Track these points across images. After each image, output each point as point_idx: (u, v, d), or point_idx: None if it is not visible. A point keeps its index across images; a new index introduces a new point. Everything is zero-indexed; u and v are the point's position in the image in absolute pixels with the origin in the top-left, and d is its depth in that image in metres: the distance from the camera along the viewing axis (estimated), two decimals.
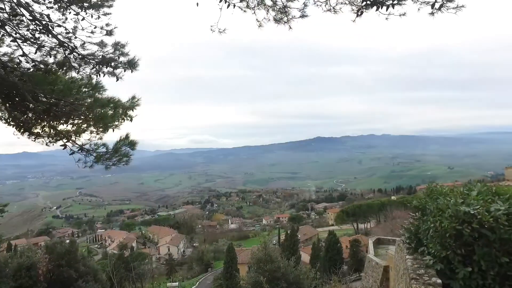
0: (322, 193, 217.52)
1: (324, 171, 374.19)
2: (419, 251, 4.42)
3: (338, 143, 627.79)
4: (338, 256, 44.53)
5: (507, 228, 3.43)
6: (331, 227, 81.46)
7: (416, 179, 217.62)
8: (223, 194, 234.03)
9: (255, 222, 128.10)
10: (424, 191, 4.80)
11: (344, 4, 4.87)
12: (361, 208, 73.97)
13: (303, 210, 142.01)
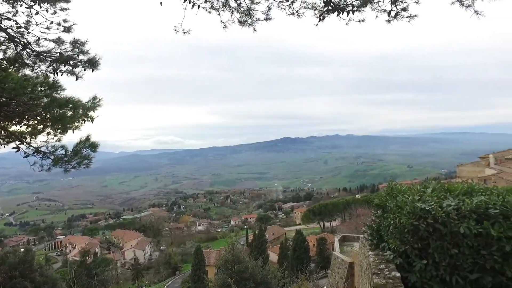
0: (289, 193, 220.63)
1: (291, 171, 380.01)
2: (380, 247, 4.60)
3: (304, 143, 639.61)
4: (306, 255, 45.44)
5: (456, 222, 3.66)
6: (299, 226, 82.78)
7: (378, 177, 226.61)
8: (190, 196, 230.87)
9: (223, 223, 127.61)
10: (385, 190, 5.00)
11: (307, 8, 4.97)
12: (327, 207, 75.80)
13: (271, 210, 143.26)
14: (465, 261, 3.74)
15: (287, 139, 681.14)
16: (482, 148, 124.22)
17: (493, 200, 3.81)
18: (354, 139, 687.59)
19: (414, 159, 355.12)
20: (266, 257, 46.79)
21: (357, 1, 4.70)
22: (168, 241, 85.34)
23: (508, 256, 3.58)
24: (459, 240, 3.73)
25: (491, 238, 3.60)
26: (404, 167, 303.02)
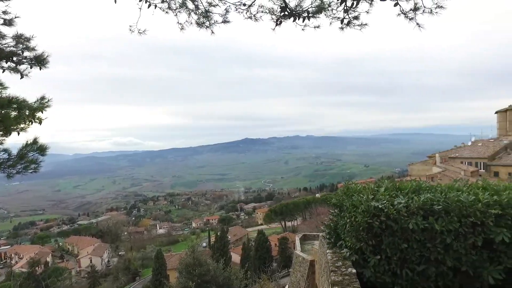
0: (251, 193, 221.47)
1: (252, 172, 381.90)
2: (337, 245, 4.76)
3: (265, 144, 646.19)
4: (268, 255, 45.85)
5: (406, 219, 3.90)
6: (260, 227, 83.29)
7: (337, 177, 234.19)
8: (150, 198, 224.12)
9: (184, 225, 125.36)
10: (342, 190, 5.18)
11: (265, 13, 5.02)
12: (288, 207, 76.90)
13: (233, 211, 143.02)
14: (414, 255, 3.99)
15: (248, 140, 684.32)
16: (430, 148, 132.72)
17: (437, 197, 4.10)
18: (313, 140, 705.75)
19: (370, 159, 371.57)
20: (228, 259, 46.64)
21: (313, 8, 4.81)
22: (128, 246, 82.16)
23: (449, 248, 3.87)
24: (408, 235, 3.97)
25: (435, 232, 3.87)
26: (361, 167, 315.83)
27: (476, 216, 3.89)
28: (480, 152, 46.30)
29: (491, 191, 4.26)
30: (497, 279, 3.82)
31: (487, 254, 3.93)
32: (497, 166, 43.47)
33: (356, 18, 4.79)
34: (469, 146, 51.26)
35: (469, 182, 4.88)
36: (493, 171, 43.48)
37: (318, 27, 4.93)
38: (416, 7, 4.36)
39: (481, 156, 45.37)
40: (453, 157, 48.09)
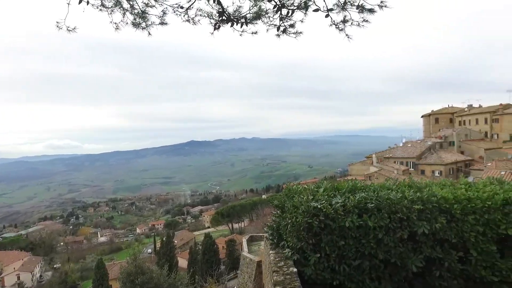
0: (198, 196, 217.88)
1: (198, 175, 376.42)
2: (280, 245, 4.91)
3: (211, 146, 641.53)
4: (215, 257, 45.48)
5: (343, 217, 4.16)
6: (208, 230, 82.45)
7: (282, 178, 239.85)
8: (90, 205, 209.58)
9: (128, 232, 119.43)
10: (283, 191, 5.35)
11: (203, 17, 4.99)
12: (235, 209, 77.05)
13: (179, 215, 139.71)
14: (350, 251, 4.26)
15: (194, 142, 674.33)
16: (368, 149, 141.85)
17: (370, 195, 4.42)
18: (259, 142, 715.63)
19: (313, 160, 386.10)
20: (174, 264, 45.39)
21: (251, 14, 4.89)
22: (64, 258, 75.92)
23: (381, 242, 4.21)
24: (345, 233, 4.23)
25: (369, 229, 4.18)
26: (305, 167, 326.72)
27: (403, 212, 4.27)
28: (410, 152, 50.64)
29: (415, 189, 4.71)
30: (418, 267, 4.24)
31: (411, 246, 4.34)
32: (423, 165, 47.91)
33: (292, 26, 4.95)
34: (400, 147, 55.74)
35: (398, 181, 5.33)
36: (420, 169, 47.83)
37: (256, 33, 5.01)
38: (345, 19, 4.65)
39: (410, 156, 49.64)
40: (388, 157, 52.05)
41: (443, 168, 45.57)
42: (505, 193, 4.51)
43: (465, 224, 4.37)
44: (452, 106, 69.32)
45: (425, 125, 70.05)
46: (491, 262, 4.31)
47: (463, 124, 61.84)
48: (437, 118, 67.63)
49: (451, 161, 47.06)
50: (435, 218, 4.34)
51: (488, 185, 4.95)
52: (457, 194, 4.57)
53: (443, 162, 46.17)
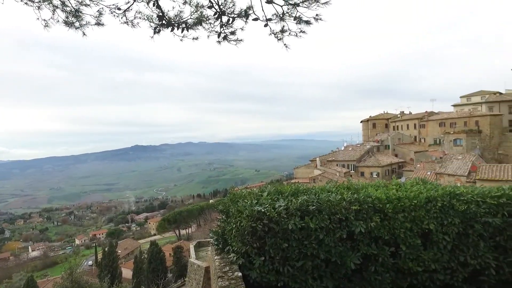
0: (143, 203, 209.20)
1: (143, 180, 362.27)
2: (225, 250, 4.92)
3: (157, 151, 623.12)
4: (162, 266, 44.04)
5: (286, 220, 4.30)
6: (154, 237, 79.62)
7: (230, 182, 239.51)
8: (19, 217, 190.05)
9: (65, 244, 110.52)
10: (228, 196, 5.38)
11: (143, 19, 4.86)
12: (182, 214, 75.39)
13: (123, 223, 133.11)
14: (293, 252, 4.41)
15: (138, 147, 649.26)
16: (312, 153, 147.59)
17: (311, 198, 4.62)
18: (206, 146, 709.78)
19: (260, 164, 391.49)
20: (118, 275, 43.13)
21: (192, 20, 4.86)
22: None
23: (322, 243, 4.42)
24: (288, 235, 4.37)
25: (311, 230, 4.36)
26: (252, 171, 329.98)
27: (342, 213, 4.53)
28: (351, 156, 53.62)
29: (353, 190, 5.02)
30: (356, 263, 4.52)
31: (350, 244, 4.61)
32: (363, 167, 51.02)
33: (232, 34, 5.02)
34: (342, 150, 58.76)
35: (337, 183, 5.63)
36: (360, 171, 50.86)
37: (197, 39, 5.00)
38: (283, 29, 4.84)
39: (351, 159, 52.58)
40: (330, 160, 54.62)
41: (380, 170, 48.91)
42: (427, 192, 5.01)
43: (396, 221, 4.76)
44: (387, 113, 74.98)
45: (364, 130, 74.87)
46: (417, 254, 4.74)
47: (397, 129, 67.15)
48: (374, 124, 72.59)
49: (387, 163, 50.71)
50: (371, 218, 4.66)
51: (414, 185, 5.45)
52: (389, 195, 4.96)
53: (380, 164, 49.56)
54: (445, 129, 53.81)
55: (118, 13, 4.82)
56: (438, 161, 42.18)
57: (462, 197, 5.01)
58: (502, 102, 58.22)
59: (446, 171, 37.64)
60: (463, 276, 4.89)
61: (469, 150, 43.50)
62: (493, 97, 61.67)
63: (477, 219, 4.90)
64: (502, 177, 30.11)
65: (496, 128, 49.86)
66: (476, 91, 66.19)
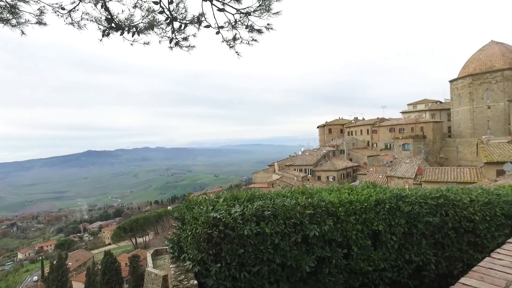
0: (96, 211, 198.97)
1: (97, 187, 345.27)
2: (181, 258, 4.83)
3: (112, 156, 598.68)
4: (117, 276, 42.25)
5: (242, 226, 4.32)
6: (108, 247, 76.02)
7: (189, 187, 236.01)
8: None
9: (6, 259, 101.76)
10: (183, 203, 5.31)
11: (90, 21, 4.65)
12: (139, 222, 72.85)
13: (75, 233, 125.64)
14: (250, 258, 4.43)
15: (92, 152, 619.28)
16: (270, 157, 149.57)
17: (267, 203, 4.69)
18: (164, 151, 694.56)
19: (219, 169, 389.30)
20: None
21: (143, 24, 4.76)
22: None
23: (277, 247, 4.49)
24: (244, 241, 4.39)
25: (266, 235, 4.42)
26: (211, 176, 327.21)
27: (296, 217, 4.64)
28: (308, 160, 55.07)
29: (307, 195, 5.17)
30: (311, 266, 4.65)
31: (305, 248, 4.73)
32: (319, 171, 52.59)
33: (185, 40, 4.98)
34: (299, 155, 60.22)
35: (292, 188, 5.76)
36: (317, 175, 52.37)
37: (148, 43, 4.90)
38: (235, 37, 4.90)
39: (308, 164, 54.01)
40: (288, 165, 55.69)
41: (336, 174, 50.68)
42: (377, 195, 5.30)
43: (348, 224, 4.97)
44: (342, 118, 78.14)
45: (321, 135, 77.30)
46: (367, 254, 4.98)
47: (351, 134, 70.13)
48: (330, 129, 75.25)
49: (342, 167, 52.69)
50: (324, 221, 4.82)
51: (365, 188, 5.73)
52: (341, 198, 5.17)
53: (336, 168, 51.38)
54: (394, 134, 57.10)
55: (62, 13, 4.54)
56: (388, 165, 44.58)
57: (407, 199, 5.36)
58: (442, 110, 63.20)
59: (395, 174, 39.88)
60: (408, 272, 5.21)
61: (416, 154, 46.45)
62: (434, 105, 66.73)
63: (420, 219, 5.27)
64: (443, 179, 32.51)
65: (438, 133, 53.85)
66: (421, 100, 71.23)
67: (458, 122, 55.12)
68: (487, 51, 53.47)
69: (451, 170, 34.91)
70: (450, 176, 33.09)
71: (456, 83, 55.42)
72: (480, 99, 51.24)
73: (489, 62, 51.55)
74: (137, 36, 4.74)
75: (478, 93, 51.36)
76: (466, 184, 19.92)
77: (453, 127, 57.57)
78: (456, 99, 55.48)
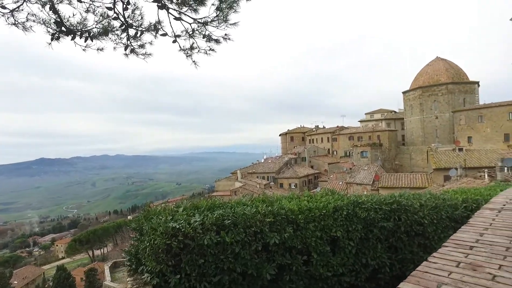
0: (49, 223, 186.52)
1: (50, 198, 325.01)
2: (139, 271, 4.66)
3: (67, 164, 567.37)
4: None
5: (201, 235, 4.26)
6: (62, 261, 71.75)
7: (150, 196, 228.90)
8: None
9: None
10: (141, 213, 5.15)
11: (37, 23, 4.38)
12: (96, 233, 69.33)
13: (22, 248, 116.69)
14: (210, 268, 4.38)
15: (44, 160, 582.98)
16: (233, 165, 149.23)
17: (227, 212, 4.68)
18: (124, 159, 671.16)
19: (182, 177, 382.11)
20: None
21: (97, 29, 4.62)
22: None
23: (238, 256, 4.48)
24: (204, 250, 4.33)
25: (226, 244, 4.39)
26: (174, 185, 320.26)
27: (257, 225, 4.67)
28: (270, 168, 55.64)
29: (267, 203, 5.22)
30: (272, 274, 4.68)
31: (265, 256, 4.76)
32: (282, 179, 53.30)
33: (141, 47, 4.89)
34: (262, 163, 60.71)
35: (253, 196, 5.80)
36: (279, 182, 53.02)
37: (102, 50, 4.75)
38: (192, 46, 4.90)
39: (271, 171, 54.57)
40: (251, 173, 55.91)
41: (297, 181, 51.60)
42: (335, 202, 5.48)
43: (307, 231, 5.07)
44: (303, 126, 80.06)
45: (283, 143, 78.57)
46: (327, 260, 5.11)
47: (312, 142, 71.96)
48: (292, 137, 76.79)
49: (304, 174, 53.76)
50: (284, 229, 4.88)
51: (324, 196, 5.90)
52: (301, 206, 5.28)
53: (298, 175, 52.33)
54: (353, 142, 59.36)
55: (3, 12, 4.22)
56: (348, 172, 46.16)
57: (363, 205, 5.59)
58: (396, 119, 66.86)
59: (354, 180, 41.34)
60: (365, 276, 5.41)
61: (373, 161, 48.55)
62: (390, 115, 70.45)
63: (375, 224, 5.52)
64: (398, 185, 34.26)
65: (393, 141, 56.80)
66: (377, 109, 74.89)
67: (411, 130, 58.51)
68: (434, 66, 57.74)
69: (405, 176, 36.87)
70: (404, 182, 34.91)
71: (408, 94, 58.96)
72: (429, 110, 54.86)
73: (436, 76, 55.63)
74: (90, 41, 4.56)
75: (427, 104, 54.99)
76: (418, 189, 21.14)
77: (406, 136, 61.00)
78: (408, 109, 58.94)
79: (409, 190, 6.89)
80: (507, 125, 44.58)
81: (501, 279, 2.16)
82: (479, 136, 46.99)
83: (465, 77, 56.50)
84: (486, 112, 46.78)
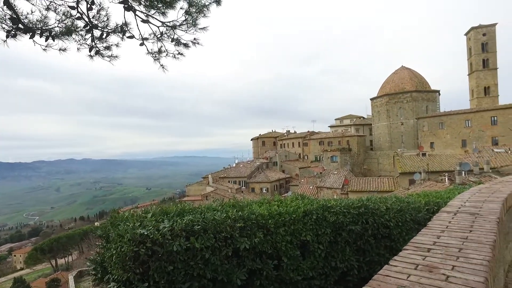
0: (6, 231, 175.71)
1: (9, 204, 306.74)
2: (104, 280, 4.49)
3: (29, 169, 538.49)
4: None
5: (170, 242, 4.18)
6: (20, 272, 67.73)
7: (118, 202, 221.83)
8: None
9: None
10: (107, 219, 4.98)
11: None
12: (60, 241, 66.17)
13: None
14: (179, 274, 4.29)
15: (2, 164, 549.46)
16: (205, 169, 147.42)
17: (197, 218, 4.61)
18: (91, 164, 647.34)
19: (152, 181, 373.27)
20: None
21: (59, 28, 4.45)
22: None
23: (208, 262, 4.43)
24: (173, 257, 4.24)
25: (196, 250, 4.33)
26: (143, 190, 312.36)
27: (227, 231, 4.64)
28: (242, 172, 55.62)
29: (238, 208, 5.21)
30: (242, 279, 4.66)
31: (236, 261, 4.73)
32: (253, 183, 53.40)
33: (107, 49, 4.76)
34: (234, 167, 60.59)
35: (223, 201, 5.77)
36: (251, 187, 53.09)
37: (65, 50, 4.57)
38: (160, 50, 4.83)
39: (242, 175, 54.55)
40: (223, 177, 55.64)
41: (269, 185, 51.89)
42: (305, 206, 5.55)
43: (278, 236, 5.10)
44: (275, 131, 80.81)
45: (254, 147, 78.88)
46: (297, 264, 5.16)
47: (284, 146, 72.75)
48: (263, 141, 77.26)
49: (275, 178, 54.16)
50: (254, 234, 4.89)
51: (294, 200, 5.97)
52: (271, 210, 5.30)
53: (269, 180, 52.63)
54: (323, 147, 60.59)
55: None
56: (318, 176, 46.99)
57: (332, 209, 5.70)
58: (365, 125, 69.04)
59: (325, 184, 42.14)
60: (334, 279, 5.51)
61: (343, 166, 49.74)
62: (358, 120, 72.66)
63: (344, 227, 5.64)
64: (366, 189, 35.26)
65: (362, 146, 58.56)
66: (347, 115, 76.98)
67: (378, 136, 60.59)
68: (399, 75, 60.36)
69: (373, 180, 38.04)
70: (372, 186, 36.00)
71: (375, 101, 61.12)
72: (395, 116, 57.14)
73: (401, 84, 58.14)
74: (52, 41, 4.36)
75: (393, 111, 57.25)
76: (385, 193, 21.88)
77: (374, 141, 63.10)
78: (376, 115, 61.06)
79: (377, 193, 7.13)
80: (464, 131, 47.28)
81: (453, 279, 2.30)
82: (440, 142, 49.47)
83: (427, 85, 59.48)
84: (446, 119, 49.39)
